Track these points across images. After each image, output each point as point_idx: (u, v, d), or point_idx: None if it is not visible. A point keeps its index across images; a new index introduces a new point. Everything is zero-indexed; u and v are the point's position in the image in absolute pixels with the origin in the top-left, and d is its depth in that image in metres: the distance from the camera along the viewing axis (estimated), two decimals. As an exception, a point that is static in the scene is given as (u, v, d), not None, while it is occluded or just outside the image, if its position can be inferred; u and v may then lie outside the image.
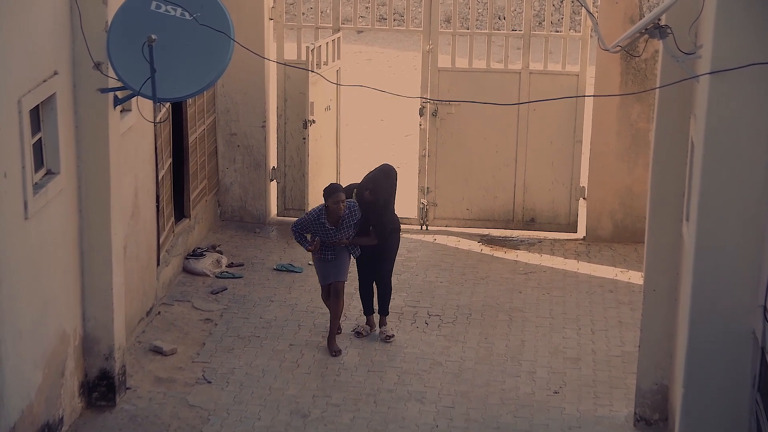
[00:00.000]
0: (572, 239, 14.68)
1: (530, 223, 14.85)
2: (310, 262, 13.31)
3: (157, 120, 11.94)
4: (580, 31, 14.87)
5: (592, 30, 14.05)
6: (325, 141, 14.84)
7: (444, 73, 14.58)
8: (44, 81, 9.37)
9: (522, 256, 14.21)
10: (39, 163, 9.55)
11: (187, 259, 13.58)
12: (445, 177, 14.84)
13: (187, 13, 9.52)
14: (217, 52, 9.59)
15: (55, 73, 9.58)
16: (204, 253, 13.75)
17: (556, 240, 14.65)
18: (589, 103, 14.52)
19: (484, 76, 14.56)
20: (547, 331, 12.32)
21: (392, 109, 19.19)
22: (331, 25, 14.80)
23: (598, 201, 14.44)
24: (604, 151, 14.25)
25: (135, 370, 11.20)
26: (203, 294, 12.99)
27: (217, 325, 12.32)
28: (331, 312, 11.82)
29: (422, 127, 14.78)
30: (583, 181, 14.69)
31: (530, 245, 14.49)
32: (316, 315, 12.43)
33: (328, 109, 14.75)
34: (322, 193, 11.61)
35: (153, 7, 9.59)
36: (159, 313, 12.41)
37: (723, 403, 8.47)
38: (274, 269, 13.72)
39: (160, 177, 12.30)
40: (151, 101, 10.25)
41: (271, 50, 14.62)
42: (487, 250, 14.39)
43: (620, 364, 11.61)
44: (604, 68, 13.92)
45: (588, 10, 9.92)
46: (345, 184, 14.66)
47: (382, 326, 12.06)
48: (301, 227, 11.65)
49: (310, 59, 14.09)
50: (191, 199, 13.65)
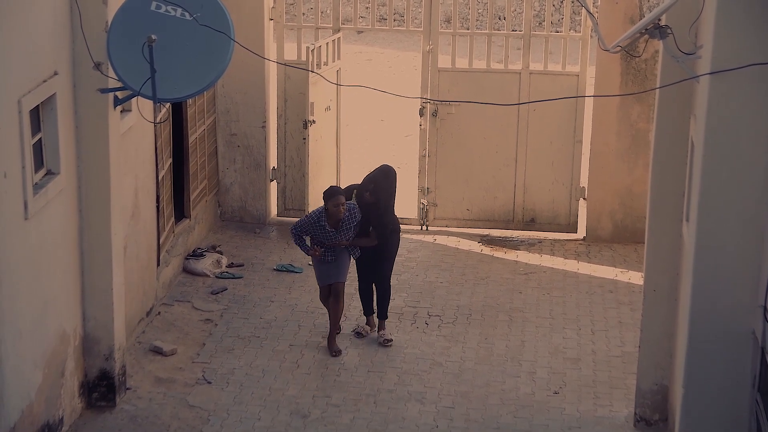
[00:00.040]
0: (572, 239, 14.68)
1: (530, 224, 14.85)
2: (310, 263, 13.30)
3: (157, 120, 11.94)
4: (580, 32, 14.86)
5: (592, 30, 14.05)
6: (325, 141, 14.84)
7: (444, 74, 14.58)
8: (44, 81, 9.37)
9: (522, 256, 14.21)
10: (39, 163, 9.54)
11: (187, 259, 13.57)
12: (445, 177, 14.84)
13: (187, 14, 9.52)
14: (217, 53, 9.58)
15: (55, 74, 9.57)
16: (204, 254, 13.75)
17: (556, 240, 14.65)
18: (589, 103, 14.52)
19: (484, 77, 14.56)
20: (547, 331, 12.32)
21: (392, 110, 19.18)
22: (331, 26, 14.79)
23: (598, 201, 14.43)
24: (604, 151, 14.25)
25: (135, 371, 11.19)
26: (203, 294, 12.98)
27: (217, 325, 12.32)
28: (331, 312, 11.81)
29: (422, 127, 14.77)
30: (583, 182, 14.69)
31: (530, 245, 14.49)
32: (316, 315, 12.43)
33: (328, 109, 14.75)
34: (322, 195, 11.60)
35: (153, 7, 9.58)
36: (159, 313, 12.41)
37: (723, 403, 8.47)
38: (274, 269, 13.72)
39: (160, 177, 12.30)
40: (151, 101, 10.25)
41: (271, 50, 14.62)
42: (487, 250, 14.38)
43: (620, 364, 11.61)
44: (604, 68, 13.92)
45: (588, 11, 9.91)
46: (345, 184, 14.68)
47: (380, 330, 12.01)
48: (300, 229, 11.63)
49: (310, 59, 14.08)
50: (191, 200, 13.65)
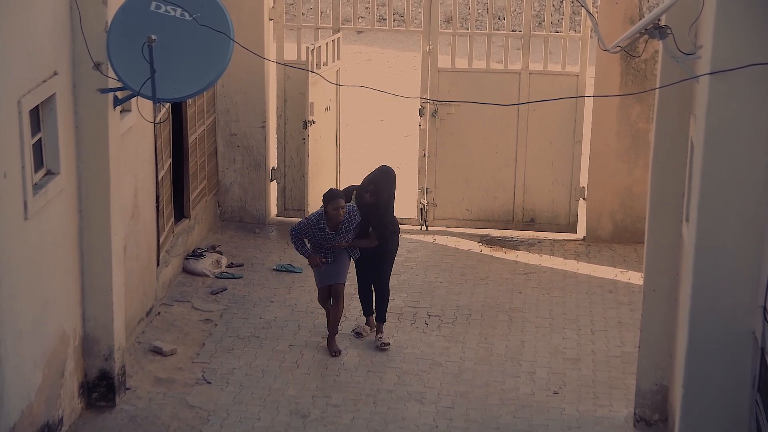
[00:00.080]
0: (572, 240, 14.68)
1: (530, 224, 14.85)
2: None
3: (157, 120, 11.94)
4: (579, 32, 14.87)
5: (591, 30, 14.05)
6: (325, 141, 14.84)
7: (444, 74, 14.57)
8: (44, 81, 9.36)
9: (522, 256, 14.21)
10: (39, 163, 9.54)
11: (187, 259, 13.57)
12: (444, 177, 14.84)
13: (186, 14, 9.52)
14: (216, 53, 9.58)
15: (55, 74, 9.57)
16: (204, 254, 13.75)
17: (555, 240, 14.64)
18: (588, 103, 14.51)
19: (484, 77, 14.56)
20: (547, 331, 12.32)
21: (392, 110, 19.18)
22: (331, 26, 14.79)
23: (597, 201, 14.43)
24: (603, 151, 14.25)
25: (135, 371, 11.19)
26: (203, 294, 12.98)
27: (216, 325, 12.32)
28: (331, 313, 11.81)
29: (422, 127, 14.77)
30: (583, 182, 14.69)
31: (530, 246, 14.49)
32: (315, 315, 12.43)
33: (327, 109, 14.75)
34: (322, 198, 11.58)
35: (153, 7, 9.58)
36: (159, 313, 12.41)
37: (723, 403, 8.48)
38: (274, 269, 13.71)
39: (159, 177, 12.30)
40: (151, 101, 10.25)
41: (270, 51, 14.62)
42: (486, 250, 14.38)
43: (620, 364, 11.61)
44: (603, 69, 13.92)
45: (588, 11, 9.92)
46: (344, 185, 14.71)
47: (378, 333, 11.97)
48: (299, 232, 11.60)
49: (310, 60, 14.08)
50: (191, 200, 13.65)
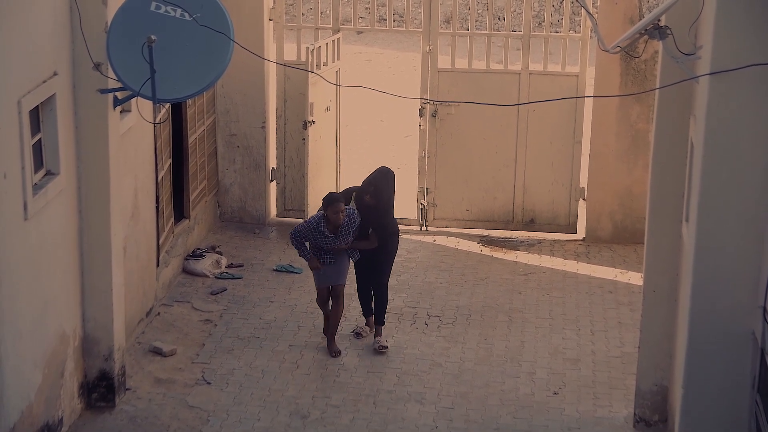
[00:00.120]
0: (572, 240, 14.68)
1: (530, 224, 14.85)
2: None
3: (157, 121, 11.94)
4: (579, 32, 14.87)
5: (591, 31, 14.04)
6: (325, 142, 14.83)
7: (444, 74, 14.58)
8: (44, 82, 9.36)
9: (522, 256, 14.21)
10: (39, 163, 9.54)
11: (187, 259, 13.57)
12: (444, 178, 14.84)
13: (186, 14, 9.52)
14: (216, 53, 9.58)
15: (55, 74, 9.57)
16: (204, 254, 13.75)
17: (555, 241, 14.64)
18: (588, 103, 14.51)
19: (484, 77, 14.56)
20: (547, 332, 12.31)
21: (392, 110, 19.18)
22: (331, 26, 14.79)
23: (597, 202, 14.43)
24: (603, 151, 14.25)
25: (134, 371, 11.19)
26: (203, 295, 12.98)
27: (216, 325, 12.32)
28: (331, 314, 11.80)
29: (422, 127, 14.77)
30: (583, 182, 14.68)
31: (530, 246, 14.49)
32: (315, 316, 12.42)
33: (327, 109, 14.74)
34: (322, 202, 11.57)
35: (153, 7, 9.58)
36: (158, 313, 12.41)
37: (722, 404, 8.48)
38: (274, 270, 13.71)
39: (159, 178, 12.30)
40: (151, 102, 10.25)
41: (270, 51, 14.62)
42: (486, 250, 14.38)
43: (620, 365, 11.61)
44: (603, 69, 13.92)
45: (588, 11, 9.92)
46: (344, 185, 14.73)
47: (376, 336, 11.93)
48: (299, 235, 11.59)
49: (310, 60, 14.08)
50: (191, 200, 13.65)
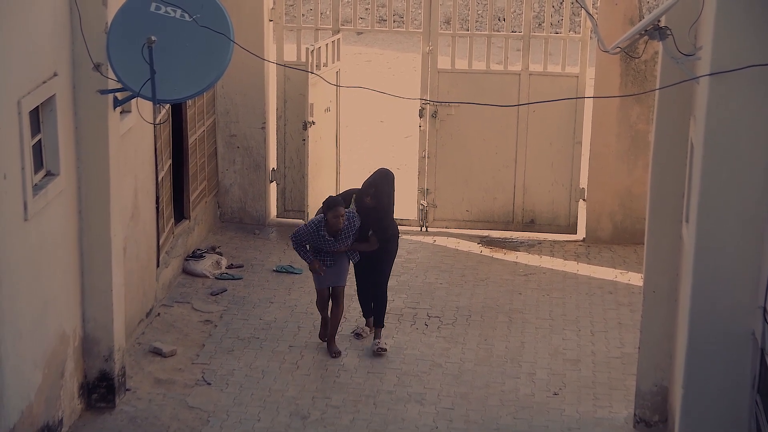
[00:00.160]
0: (572, 240, 14.68)
1: (530, 225, 14.84)
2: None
3: (157, 121, 11.94)
4: (579, 33, 14.87)
5: (591, 31, 14.03)
6: (325, 142, 14.83)
7: (444, 75, 14.58)
8: (44, 82, 9.37)
9: (522, 257, 14.20)
10: (39, 164, 9.54)
11: (187, 260, 13.57)
12: (444, 178, 14.84)
13: (186, 15, 9.52)
14: (216, 54, 9.58)
15: (55, 75, 9.57)
16: (204, 255, 13.75)
17: (555, 241, 14.64)
18: (588, 104, 14.51)
19: (484, 78, 14.56)
20: (547, 332, 12.31)
21: (392, 111, 19.18)
22: (331, 27, 14.79)
23: (597, 202, 14.43)
24: (603, 152, 14.25)
25: (134, 372, 11.19)
26: (203, 295, 12.98)
27: (216, 326, 12.32)
28: (331, 315, 11.80)
29: (422, 128, 14.77)
30: (583, 183, 14.68)
31: (530, 246, 14.49)
32: (315, 317, 12.41)
33: (327, 110, 14.74)
34: (322, 205, 11.55)
35: (153, 8, 9.58)
36: (159, 314, 12.41)
37: (723, 404, 8.48)
38: (274, 270, 13.71)
39: (159, 178, 12.30)
40: (151, 103, 10.25)
41: (270, 52, 14.62)
42: (486, 251, 14.38)
43: (620, 365, 11.61)
44: (603, 70, 13.92)
45: (588, 12, 9.93)
46: (344, 186, 14.73)
47: (375, 338, 11.91)
48: (300, 238, 11.57)
49: (310, 61, 14.07)
50: (191, 201, 13.65)
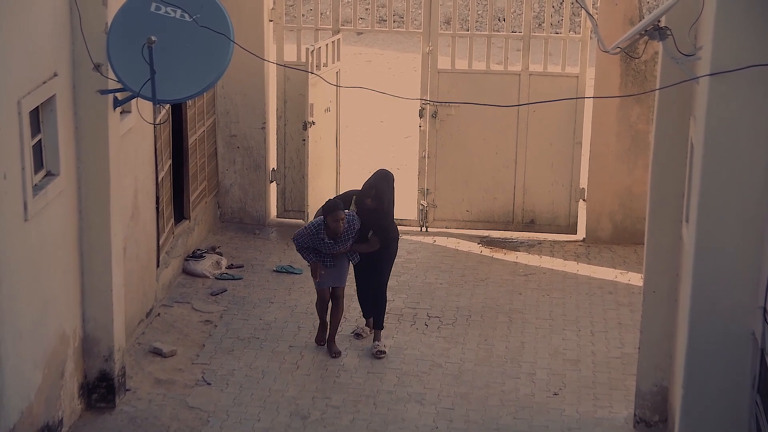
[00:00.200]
0: (572, 241, 14.68)
1: (530, 225, 14.85)
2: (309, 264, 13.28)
3: (157, 121, 11.94)
4: (579, 33, 14.87)
5: (591, 31, 14.04)
6: (325, 142, 14.83)
7: (444, 75, 14.58)
8: (44, 82, 9.37)
9: (522, 257, 14.21)
10: (39, 164, 9.54)
11: (187, 260, 13.57)
12: (444, 178, 14.84)
13: (186, 15, 9.52)
14: (216, 54, 9.58)
15: (55, 75, 9.57)
16: (204, 255, 13.75)
17: (555, 241, 14.64)
18: (588, 104, 14.51)
19: (484, 78, 14.56)
20: (547, 332, 12.31)
21: (392, 111, 19.18)
22: (331, 27, 14.79)
23: (597, 202, 14.43)
24: (603, 152, 14.25)
25: (135, 372, 11.19)
26: (203, 295, 12.98)
27: (216, 326, 12.32)
28: (331, 316, 11.80)
29: (422, 128, 14.77)
30: (583, 183, 14.68)
31: (530, 247, 14.49)
32: (315, 317, 12.40)
33: (327, 110, 14.75)
34: (322, 208, 11.54)
35: (153, 8, 9.58)
36: (159, 314, 12.41)
37: (723, 404, 8.48)
38: (274, 271, 13.71)
39: (159, 178, 12.30)
40: (151, 103, 10.25)
41: (270, 52, 14.62)
42: (486, 251, 14.38)
43: (620, 365, 11.61)
44: (603, 70, 13.92)
45: (588, 12, 9.93)
46: (344, 186, 14.73)
47: (375, 341, 11.89)
48: (301, 240, 11.56)
49: (310, 61, 14.07)
50: (191, 201, 13.65)
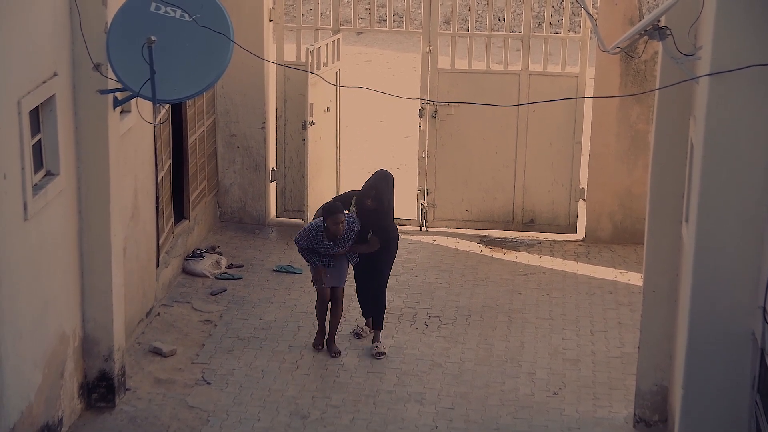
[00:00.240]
0: (572, 240, 14.68)
1: (530, 225, 14.85)
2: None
3: (157, 121, 11.94)
4: (579, 33, 14.87)
5: (591, 31, 14.03)
6: (325, 142, 14.83)
7: (443, 75, 14.58)
8: (44, 82, 9.37)
9: (521, 257, 14.21)
10: (38, 164, 9.54)
11: (187, 260, 13.57)
12: (444, 178, 14.84)
13: (186, 15, 9.52)
14: (216, 54, 9.58)
15: (55, 74, 9.57)
16: (203, 255, 13.75)
17: (555, 241, 14.65)
18: (588, 104, 14.51)
19: (484, 78, 14.56)
20: (547, 332, 12.32)
21: (392, 111, 19.18)
22: (331, 27, 14.79)
23: (597, 202, 14.43)
24: (603, 152, 14.25)
25: (134, 371, 11.20)
26: (203, 295, 12.98)
27: (216, 326, 12.32)
28: (331, 316, 11.79)
29: (422, 128, 14.77)
30: (583, 183, 14.69)
31: (530, 246, 14.49)
32: (315, 316, 12.41)
33: (327, 110, 14.75)
34: (322, 210, 11.53)
35: (152, 8, 9.58)
36: (158, 314, 12.41)
37: (722, 404, 8.48)
38: (274, 270, 13.71)
39: (159, 178, 12.30)
40: (151, 102, 10.25)
41: (270, 52, 14.62)
42: (486, 251, 14.38)
43: (620, 365, 11.61)
44: (603, 69, 13.92)
45: (587, 12, 9.93)
46: (344, 186, 14.74)
47: (374, 341, 11.89)
48: (302, 242, 11.55)
49: (310, 61, 14.07)
50: (191, 201, 13.65)
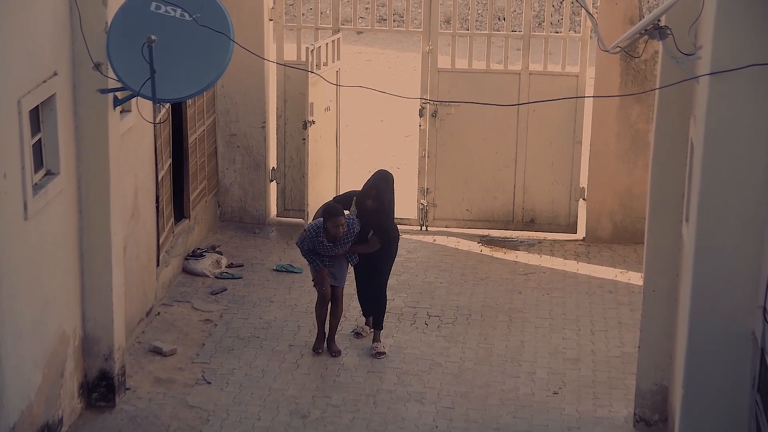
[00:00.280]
0: (572, 240, 14.68)
1: (530, 224, 14.85)
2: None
3: (157, 121, 11.94)
4: (579, 32, 14.87)
5: (591, 31, 14.04)
6: (325, 142, 14.84)
7: (444, 74, 14.57)
8: (44, 81, 9.37)
9: (522, 256, 14.21)
10: (39, 163, 9.54)
11: (187, 259, 13.57)
12: (444, 178, 14.84)
13: (186, 14, 9.52)
14: (216, 53, 9.59)
15: (55, 74, 9.57)
16: (204, 254, 13.75)
17: (555, 241, 14.65)
18: (588, 104, 14.51)
19: (484, 77, 14.56)
20: (547, 331, 12.32)
21: (392, 110, 19.18)
22: (331, 26, 14.79)
23: (597, 202, 14.43)
24: (603, 151, 14.25)
25: (135, 371, 11.20)
26: (203, 295, 12.98)
27: (216, 325, 12.32)
28: (331, 316, 11.79)
29: (422, 127, 14.77)
30: (583, 182, 14.69)
31: (530, 246, 14.49)
32: (315, 317, 12.41)
33: (327, 109, 14.75)
34: (322, 212, 11.52)
35: (153, 7, 9.58)
36: (159, 313, 12.41)
37: (723, 404, 8.48)
38: (274, 270, 13.71)
39: (159, 177, 12.30)
40: (151, 102, 10.25)
41: (270, 51, 14.62)
42: (486, 250, 14.38)
43: (620, 364, 11.61)
44: (603, 69, 13.92)
45: (588, 11, 9.92)
46: (344, 186, 14.74)
47: (374, 341, 11.88)
48: (304, 244, 11.53)
49: (310, 60, 14.08)
50: (191, 200, 13.65)
